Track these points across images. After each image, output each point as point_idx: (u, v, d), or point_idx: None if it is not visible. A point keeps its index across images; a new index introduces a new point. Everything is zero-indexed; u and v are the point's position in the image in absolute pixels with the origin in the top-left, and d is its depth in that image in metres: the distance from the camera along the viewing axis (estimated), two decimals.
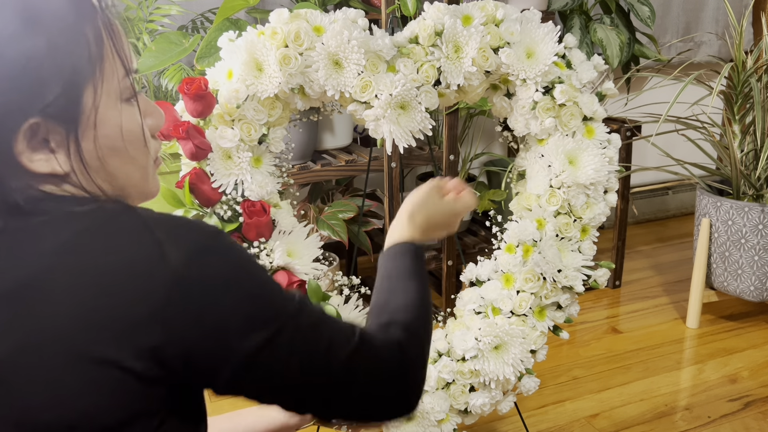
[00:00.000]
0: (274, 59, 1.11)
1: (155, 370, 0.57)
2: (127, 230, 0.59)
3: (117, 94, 0.64)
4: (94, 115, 0.61)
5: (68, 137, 0.60)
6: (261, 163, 1.19)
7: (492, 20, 1.20)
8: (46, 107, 0.58)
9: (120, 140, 0.64)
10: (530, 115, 1.25)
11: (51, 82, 0.58)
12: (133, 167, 0.66)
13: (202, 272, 0.58)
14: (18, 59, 0.57)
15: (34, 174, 0.60)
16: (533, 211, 1.30)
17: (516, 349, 1.27)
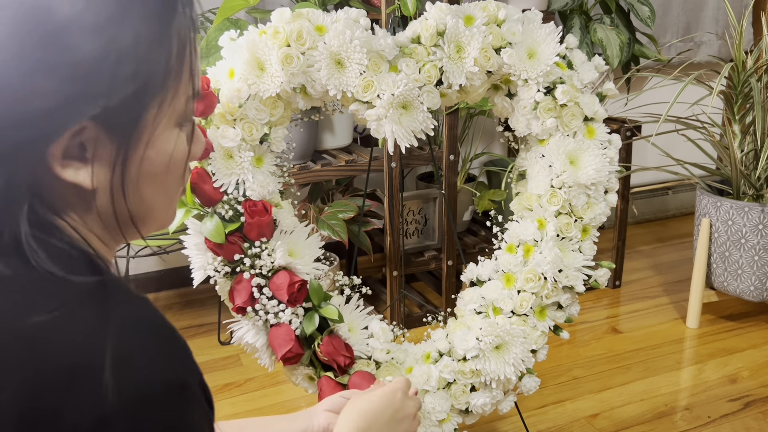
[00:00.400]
0: (276, 58, 1.11)
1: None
2: (85, 332, 0.49)
3: (177, 116, 0.57)
4: (151, 134, 0.54)
5: (117, 152, 0.53)
6: (262, 162, 1.19)
7: (494, 20, 1.20)
8: (105, 111, 0.51)
9: (162, 167, 0.57)
10: (531, 116, 1.25)
11: (122, 84, 0.51)
12: (163, 197, 0.60)
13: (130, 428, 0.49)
14: (97, 47, 0.49)
15: (58, 179, 0.52)
16: (534, 211, 1.30)
17: (517, 349, 1.27)
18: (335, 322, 1.20)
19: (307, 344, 1.20)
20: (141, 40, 0.51)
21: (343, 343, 1.21)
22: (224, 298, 1.20)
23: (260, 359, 1.22)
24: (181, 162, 0.59)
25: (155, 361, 0.51)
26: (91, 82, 0.50)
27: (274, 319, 1.17)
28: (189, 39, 0.56)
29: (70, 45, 0.49)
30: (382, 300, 2.27)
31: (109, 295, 0.52)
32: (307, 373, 1.24)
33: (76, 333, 0.49)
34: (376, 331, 1.26)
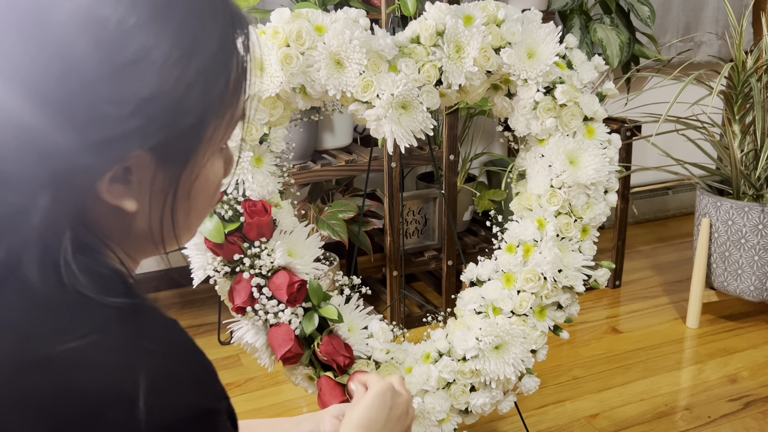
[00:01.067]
0: (276, 58, 1.11)
1: None
2: (118, 359, 0.49)
3: (224, 142, 0.57)
4: (200, 170, 0.54)
5: (169, 183, 0.52)
6: (262, 162, 1.19)
7: (493, 20, 1.20)
8: (159, 144, 0.50)
9: (207, 196, 0.57)
10: (531, 116, 1.25)
11: (184, 119, 0.50)
12: (201, 217, 0.59)
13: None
14: (164, 83, 0.49)
15: (101, 201, 0.51)
16: (534, 211, 1.30)
17: (517, 349, 1.27)
18: (335, 322, 1.20)
19: (306, 344, 1.20)
20: (206, 74, 0.51)
21: (342, 343, 1.21)
22: (224, 298, 1.20)
23: (260, 359, 1.22)
24: (216, 185, 0.59)
25: (187, 388, 0.50)
26: (155, 115, 0.49)
27: (274, 319, 1.17)
28: (246, 67, 0.55)
29: (139, 80, 0.48)
30: (382, 300, 2.27)
31: (142, 319, 0.52)
32: (306, 373, 1.24)
33: (108, 360, 0.48)
34: (375, 331, 1.26)
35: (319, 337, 1.19)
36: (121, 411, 0.47)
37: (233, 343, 1.22)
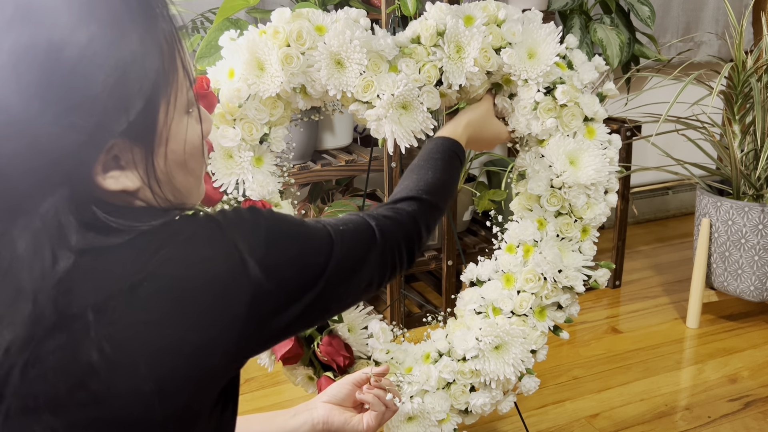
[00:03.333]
0: (276, 58, 1.11)
1: (239, 363, 0.65)
2: (205, 239, 0.62)
3: (184, 107, 0.64)
4: (167, 132, 0.62)
5: (145, 156, 0.61)
6: (262, 162, 1.19)
7: (494, 20, 1.20)
8: (129, 127, 0.58)
9: (183, 154, 0.65)
10: (531, 116, 1.25)
11: (135, 99, 0.58)
12: (192, 178, 0.68)
13: (275, 265, 0.65)
14: (107, 77, 0.56)
15: (106, 191, 0.60)
16: (534, 211, 1.30)
17: (516, 349, 1.27)
18: (335, 322, 1.20)
19: (306, 344, 1.20)
20: (138, 56, 0.58)
21: (342, 343, 1.21)
22: None
23: (260, 359, 1.22)
24: (197, 143, 0.67)
25: (246, 218, 0.67)
26: (110, 108, 0.57)
27: None
28: (173, 36, 0.62)
29: (84, 84, 0.56)
30: (381, 300, 2.28)
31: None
32: (306, 373, 1.24)
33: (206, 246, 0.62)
34: (375, 331, 1.26)
35: (319, 337, 1.19)
36: (240, 277, 0.61)
37: None
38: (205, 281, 0.59)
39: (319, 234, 0.73)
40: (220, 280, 0.60)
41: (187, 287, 0.58)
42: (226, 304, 0.60)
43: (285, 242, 0.67)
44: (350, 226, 0.78)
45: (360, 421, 1.05)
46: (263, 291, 0.63)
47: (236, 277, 0.61)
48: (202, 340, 0.59)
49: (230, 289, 0.60)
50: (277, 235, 0.66)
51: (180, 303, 0.58)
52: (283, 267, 0.65)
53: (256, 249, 0.63)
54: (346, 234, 0.76)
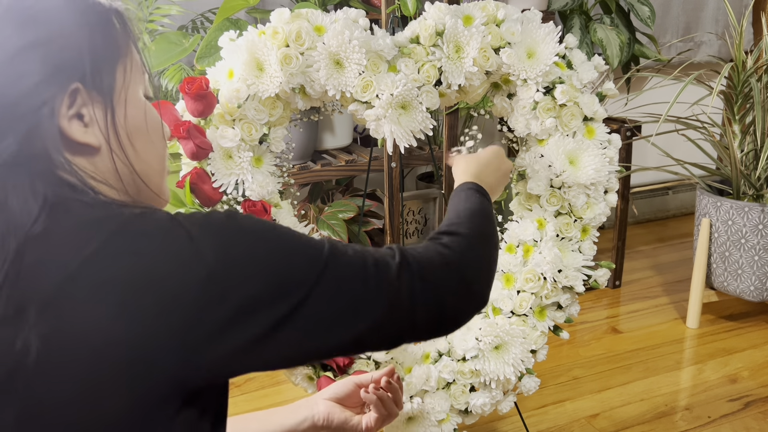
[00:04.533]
0: (275, 59, 1.11)
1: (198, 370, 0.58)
2: (159, 227, 0.59)
3: (141, 85, 0.69)
4: (125, 93, 0.67)
5: (105, 107, 0.64)
6: (262, 162, 1.19)
7: (493, 20, 1.20)
8: (86, 74, 0.63)
9: (144, 122, 0.68)
10: (531, 116, 1.25)
11: (86, 52, 0.63)
12: (154, 153, 0.70)
13: (234, 258, 0.59)
14: (63, 32, 0.62)
15: (71, 141, 0.62)
16: (534, 211, 1.30)
17: (516, 349, 1.27)
18: None
19: None
20: (87, 19, 0.64)
21: None
22: None
23: None
24: (157, 122, 0.71)
25: (212, 216, 0.63)
26: (66, 53, 0.62)
27: None
28: (128, 22, 0.68)
29: (42, 28, 0.62)
30: None
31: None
32: (306, 372, 1.24)
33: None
34: None
35: None
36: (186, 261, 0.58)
37: None
38: (151, 273, 0.56)
39: (311, 243, 0.65)
40: (170, 276, 0.56)
41: (133, 278, 0.56)
42: (172, 298, 0.56)
43: (251, 239, 0.61)
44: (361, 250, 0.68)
45: (359, 422, 1.05)
46: (216, 286, 0.57)
47: (188, 275, 0.57)
48: (143, 334, 0.55)
49: (179, 286, 0.56)
50: (245, 232, 0.61)
51: (123, 297, 0.55)
52: (245, 265, 0.59)
53: (217, 246, 0.58)
54: (350, 249, 0.67)
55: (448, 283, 0.72)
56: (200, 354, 0.57)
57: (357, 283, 0.65)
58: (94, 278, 0.55)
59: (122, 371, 0.55)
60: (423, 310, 0.69)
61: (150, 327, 0.55)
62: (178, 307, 0.56)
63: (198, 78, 1.09)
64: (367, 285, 0.65)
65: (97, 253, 0.56)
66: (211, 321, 0.57)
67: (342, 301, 0.63)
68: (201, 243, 0.58)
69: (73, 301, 0.55)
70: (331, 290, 0.63)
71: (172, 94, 1.79)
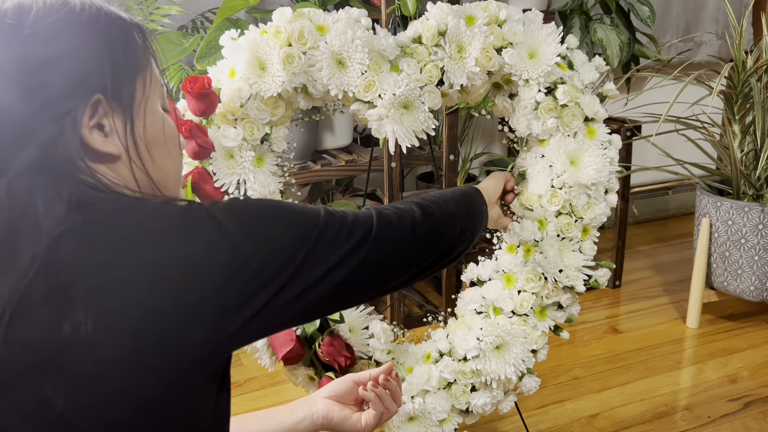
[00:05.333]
0: (278, 58, 1.11)
1: (228, 340, 0.64)
2: (182, 210, 0.64)
3: (160, 97, 0.73)
4: (144, 105, 0.70)
5: (125, 118, 0.67)
6: (263, 162, 1.19)
7: (495, 21, 1.20)
8: (107, 86, 0.65)
9: (162, 133, 0.72)
10: (532, 116, 1.25)
11: (108, 65, 0.66)
12: (171, 164, 0.74)
13: (248, 225, 0.65)
14: (79, 41, 0.65)
15: (91, 150, 0.65)
16: (534, 211, 1.30)
17: (517, 349, 1.27)
18: (336, 322, 1.20)
19: (307, 344, 1.20)
20: (110, 34, 0.67)
21: (344, 344, 1.21)
22: None
23: (260, 359, 1.22)
24: (175, 133, 0.74)
25: (226, 202, 0.70)
26: (88, 65, 0.65)
27: None
28: (147, 42, 0.71)
29: (66, 47, 0.64)
30: (382, 300, 2.27)
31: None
32: (307, 373, 1.24)
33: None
34: (376, 331, 1.25)
35: (321, 338, 1.19)
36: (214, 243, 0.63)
37: None
38: (180, 252, 0.61)
39: (310, 208, 0.73)
40: (197, 249, 0.62)
41: (165, 259, 0.61)
42: (201, 274, 0.61)
43: (263, 209, 0.68)
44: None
45: (359, 420, 1.05)
46: (242, 256, 0.63)
47: (213, 245, 0.62)
48: (178, 308, 0.60)
49: (206, 257, 0.62)
50: (255, 205, 0.68)
51: (157, 275, 0.60)
52: (264, 232, 0.66)
53: (233, 217, 0.65)
54: (348, 213, 0.76)
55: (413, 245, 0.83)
56: (236, 315, 0.63)
57: (347, 224, 0.74)
58: (130, 260, 0.60)
59: (162, 340, 0.59)
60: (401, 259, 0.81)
61: (184, 297, 0.60)
62: (208, 275, 0.61)
63: (200, 77, 1.09)
64: (351, 236, 0.74)
65: (128, 238, 0.61)
66: (242, 281, 0.63)
67: (343, 239, 0.73)
68: (220, 218, 0.64)
69: (114, 282, 0.59)
70: (333, 234, 0.72)
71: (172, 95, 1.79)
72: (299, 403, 1.05)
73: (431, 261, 0.86)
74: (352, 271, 0.73)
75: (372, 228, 0.76)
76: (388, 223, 0.79)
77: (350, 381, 1.07)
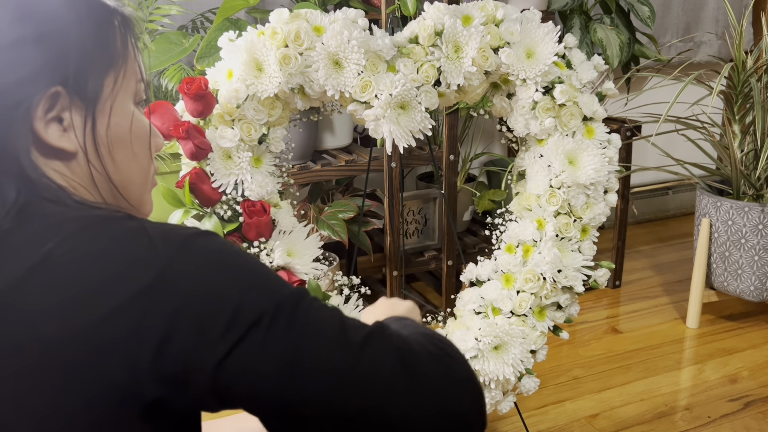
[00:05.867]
0: (274, 59, 1.11)
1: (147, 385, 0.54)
2: (121, 230, 0.57)
3: (132, 94, 0.68)
4: (111, 102, 0.65)
5: (86, 114, 0.63)
6: (261, 162, 1.19)
7: (492, 20, 1.20)
8: (69, 79, 0.61)
9: (128, 133, 0.67)
10: (530, 115, 1.25)
11: (74, 56, 0.61)
12: (136, 165, 0.68)
13: (189, 272, 0.55)
14: (51, 32, 0.60)
15: (45, 144, 0.61)
16: (533, 211, 1.30)
17: (516, 349, 1.27)
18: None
19: None
20: (85, 21, 0.63)
21: None
22: None
23: None
24: (143, 132, 0.69)
25: (182, 228, 0.62)
26: (50, 54, 0.60)
27: None
28: (131, 32, 0.67)
29: (31, 26, 0.60)
30: None
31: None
32: None
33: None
34: None
35: None
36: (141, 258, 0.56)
37: None
38: (101, 275, 0.54)
39: (279, 281, 0.60)
40: (118, 275, 0.54)
41: (80, 281, 0.54)
42: (119, 303, 0.53)
43: (212, 257, 0.57)
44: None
45: None
46: (166, 297, 0.54)
47: (139, 274, 0.54)
48: (89, 338, 0.53)
49: (128, 284, 0.54)
50: (208, 250, 0.58)
51: (71, 297, 0.54)
52: (199, 280, 0.55)
53: (176, 253, 0.56)
54: (318, 302, 0.62)
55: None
56: (146, 364, 0.53)
57: (316, 336, 0.59)
58: (42, 283, 0.54)
59: (73, 376, 0.53)
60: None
61: (96, 332, 0.53)
62: (125, 313, 0.53)
63: (197, 78, 1.09)
64: (327, 338, 0.60)
65: (49, 256, 0.55)
66: (153, 334, 0.53)
67: (297, 346, 0.57)
68: (160, 251, 0.55)
69: (19, 308, 0.53)
70: (288, 330, 0.57)
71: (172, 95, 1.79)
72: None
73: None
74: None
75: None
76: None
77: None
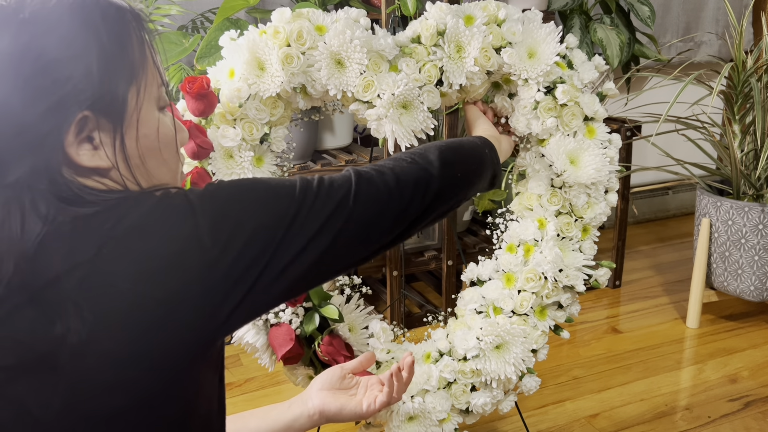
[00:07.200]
0: (277, 58, 1.11)
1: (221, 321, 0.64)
2: (166, 202, 0.64)
3: (155, 100, 0.70)
4: (137, 115, 0.67)
5: (114, 133, 0.65)
6: (262, 162, 1.19)
7: (494, 20, 1.20)
8: (95, 102, 0.63)
9: (156, 141, 0.69)
10: (532, 115, 1.25)
11: (100, 79, 0.63)
12: (166, 170, 0.72)
13: (228, 207, 0.66)
14: (72, 56, 0.62)
15: (79, 167, 0.63)
16: (534, 210, 1.30)
17: (517, 349, 1.27)
18: (335, 321, 1.20)
19: (307, 344, 1.20)
20: (104, 43, 0.64)
21: (343, 343, 1.21)
22: None
23: (260, 359, 1.22)
24: (170, 137, 0.71)
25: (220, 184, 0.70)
26: (76, 81, 0.62)
27: (275, 319, 1.17)
28: (144, 38, 0.68)
29: (50, 55, 0.61)
30: (382, 300, 2.27)
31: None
32: (307, 373, 1.24)
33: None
34: (376, 330, 1.26)
35: (320, 337, 1.19)
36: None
37: (233, 343, 1.22)
38: (161, 242, 0.61)
39: (286, 181, 0.73)
40: (176, 238, 0.62)
41: (147, 250, 0.61)
42: (184, 263, 0.62)
43: (239, 189, 0.68)
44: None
45: (359, 404, 1.05)
46: (222, 239, 0.63)
47: (192, 232, 0.62)
48: (167, 296, 0.60)
49: (187, 244, 0.62)
50: (231, 186, 0.68)
51: (142, 266, 0.60)
52: (242, 212, 0.66)
53: (210, 200, 0.65)
54: (324, 178, 0.75)
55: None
56: (224, 299, 0.63)
57: (323, 189, 0.74)
58: (114, 253, 0.60)
59: (153, 330, 0.60)
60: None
61: (170, 287, 0.61)
62: (190, 263, 0.62)
63: (199, 77, 1.09)
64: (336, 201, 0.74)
65: (111, 232, 0.61)
66: (225, 265, 0.63)
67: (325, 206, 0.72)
68: (196, 204, 0.64)
69: (101, 277, 0.59)
70: (311, 202, 0.71)
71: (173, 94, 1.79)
72: (295, 400, 1.06)
73: (420, 213, 0.83)
74: (335, 235, 0.72)
75: (351, 188, 0.75)
76: (368, 181, 0.77)
77: (337, 367, 1.09)
